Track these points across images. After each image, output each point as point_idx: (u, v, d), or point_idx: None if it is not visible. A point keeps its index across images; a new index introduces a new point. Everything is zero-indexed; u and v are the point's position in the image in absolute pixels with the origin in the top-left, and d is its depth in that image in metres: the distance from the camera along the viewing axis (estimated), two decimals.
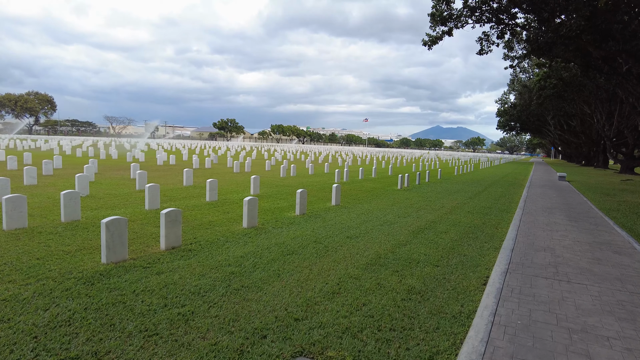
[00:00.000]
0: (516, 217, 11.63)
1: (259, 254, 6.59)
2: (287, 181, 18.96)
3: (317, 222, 9.50)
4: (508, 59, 29.93)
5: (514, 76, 62.89)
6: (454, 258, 6.91)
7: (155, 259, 6.19)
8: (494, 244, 8.18)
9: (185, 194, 13.10)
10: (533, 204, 14.70)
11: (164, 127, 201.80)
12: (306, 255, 6.66)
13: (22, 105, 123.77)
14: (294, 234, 8.13)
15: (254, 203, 8.58)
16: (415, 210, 11.89)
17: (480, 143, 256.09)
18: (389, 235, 8.38)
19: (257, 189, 13.97)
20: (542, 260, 6.96)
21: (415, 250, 7.25)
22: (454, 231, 9.18)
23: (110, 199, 11.63)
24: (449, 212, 11.87)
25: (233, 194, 13.69)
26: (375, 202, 13.38)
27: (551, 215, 12.06)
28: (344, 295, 4.99)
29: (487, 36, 22.26)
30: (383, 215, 10.79)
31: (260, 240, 7.47)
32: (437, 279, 5.76)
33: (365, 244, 7.54)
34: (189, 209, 10.50)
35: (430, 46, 22.67)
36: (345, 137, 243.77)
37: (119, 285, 5.04)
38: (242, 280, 5.40)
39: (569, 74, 40.27)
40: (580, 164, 68.51)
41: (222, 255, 6.50)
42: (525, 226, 10.12)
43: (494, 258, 7.06)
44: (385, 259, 6.66)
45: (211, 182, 12.03)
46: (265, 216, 9.92)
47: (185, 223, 8.73)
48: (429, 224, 9.87)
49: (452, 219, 10.85)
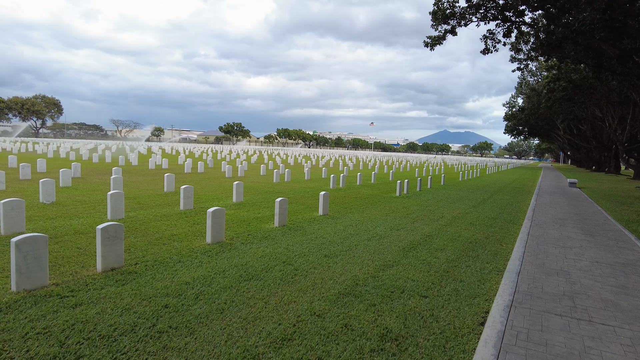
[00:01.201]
0: (524, 229, 10.39)
1: (210, 280, 5.46)
2: (279, 187, 17.86)
3: (296, 236, 8.36)
4: (515, 61, 28.65)
5: (522, 79, 61.43)
6: (447, 285, 5.72)
7: (82, 284, 5.10)
8: (497, 264, 6.98)
9: (161, 202, 12.04)
10: (542, 214, 13.43)
11: (170, 130, 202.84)
12: (268, 281, 5.53)
13: (29, 108, 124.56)
14: (263, 251, 7.00)
15: (219, 215, 7.47)
16: (411, 222, 10.71)
17: (488, 148, 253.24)
18: (374, 254, 7.21)
19: (241, 195, 12.87)
20: (554, 288, 5.75)
21: (401, 275, 6.08)
22: (451, 248, 7.98)
23: (75, 206, 10.61)
24: (449, 224, 10.67)
25: (213, 201, 12.60)
26: (368, 211, 12.22)
27: (563, 228, 10.79)
28: (296, 343, 3.85)
29: (493, 34, 21.03)
30: (373, 228, 9.62)
31: (219, 261, 6.35)
32: (422, 316, 4.59)
33: (344, 266, 6.38)
34: (156, 219, 9.42)
35: (432, 47, 21.50)
36: (352, 141, 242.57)
37: (11, 325, 3.94)
38: (174, 317, 4.28)
39: (579, 76, 38.84)
40: (590, 170, 66.61)
41: (165, 280, 5.39)
42: (534, 242, 8.89)
43: (496, 285, 5.87)
44: (363, 286, 5.50)
45: (186, 188, 10.96)
46: (239, 228, 8.81)
47: (143, 236, 7.65)
48: (424, 239, 8.68)
49: (451, 232, 9.65)
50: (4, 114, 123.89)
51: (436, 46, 21.15)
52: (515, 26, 20.33)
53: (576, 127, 60.96)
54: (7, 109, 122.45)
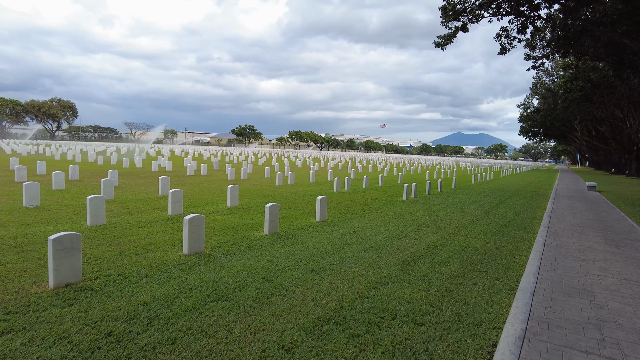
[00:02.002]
0: (539, 239, 9.45)
1: (172, 300, 4.75)
2: (280, 190, 17.16)
3: (285, 245, 7.61)
4: (530, 59, 27.46)
5: (537, 79, 59.73)
6: (448, 308, 4.90)
7: (23, 305, 4.43)
8: (509, 281, 6.11)
9: (151, 206, 11.44)
10: (560, 220, 12.42)
11: (184, 133, 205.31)
12: (238, 302, 4.78)
13: (45, 111, 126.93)
14: (242, 265, 6.26)
15: (198, 223, 6.76)
16: (416, 229, 9.86)
17: (503, 150, 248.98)
18: (369, 268, 6.41)
19: (236, 200, 12.19)
20: (577, 313, 4.88)
21: (396, 294, 5.27)
22: (457, 261, 7.13)
23: (59, 211, 10.05)
24: (457, 232, 9.79)
25: (206, 205, 11.95)
26: (370, 217, 11.40)
27: (584, 237, 9.81)
28: None
29: (507, 31, 20.00)
30: (373, 236, 8.81)
31: (190, 276, 5.64)
32: (414, 352, 3.78)
33: (331, 283, 5.60)
34: (139, 225, 8.78)
35: (443, 46, 20.58)
36: (364, 144, 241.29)
37: None
38: (112, 351, 3.56)
39: (598, 75, 37.34)
40: (609, 172, 64.35)
41: (121, 299, 4.70)
42: (551, 253, 7.97)
43: (507, 307, 5.02)
44: (349, 309, 4.71)
45: (174, 192, 10.32)
46: (224, 236, 8.10)
47: (117, 245, 6.99)
48: (427, 249, 7.84)
49: (459, 241, 8.77)
50: (22, 117, 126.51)
51: (447, 45, 20.23)
52: (530, 21, 19.29)
53: (594, 128, 59.00)
54: (24, 112, 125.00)
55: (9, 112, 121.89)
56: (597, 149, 71.50)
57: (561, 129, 68.56)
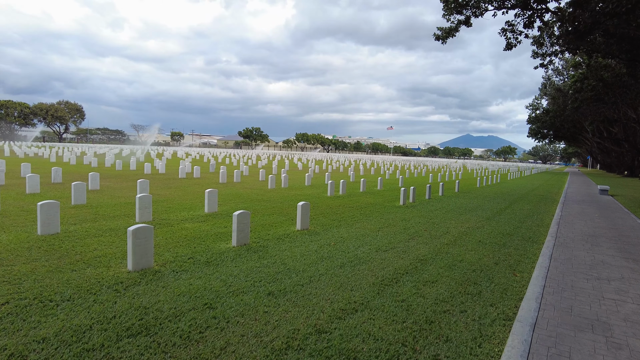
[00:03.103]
0: (545, 251, 8.38)
1: (80, 334, 3.81)
2: (270, 194, 16.23)
3: (249, 260, 6.66)
4: (538, 56, 26.23)
5: (547, 79, 58.21)
6: (425, 349, 3.90)
7: None
8: (506, 307, 5.09)
9: (121, 212, 10.57)
10: (569, 228, 11.31)
11: (191, 135, 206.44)
12: (161, 338, 3.83)
13: (52, 114, 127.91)
14: (189, 285, 5.32)
15: (145, 234, 5.85)
16: (406, 239, 8.85)
17: (512, 152, 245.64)
18: (339, 289, 5.44)
19: (214, 205, 11.28)
20: (590, 357, 3.85)
21: (363, 327, 4.29)
22: (446, 280, 6.11)
23: (17, 217, 9.21)
24: (452, 243, 8.76)
25: (183, 211, 11.06)
26: (359, 224, 10.42)
27: (596, 249, 8.72)
28: None
29: (512, 26, 18.89)
30: (355, 248, 7.83)
31: (122, 300, 4.70)
32: None
33: (286, 312, 4.63)
34: (97, 234, 7.90)
35: (444, 39, 19.52)
36: (371, 146, 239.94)
37: None
38: None
39: (611, 73, 35.92)
40: (622, 175, 62.42)
41: (16, 334, 3.77)
42: (558, 270, 6.91)
43: (500, 346, 4.02)
44: (298, 350, 3.74)
45: (142, 197, 9.44)
46: (184, 248, 7.18)
47: (58, 259, 6.10)
48: (414, 265, 6.84)
49: (453, 254, 7.75)
50: (30, 119, 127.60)
51: (448, 39, 19.17)
52: (537, 15, 18.18)
53: (606, 129, 57.27)
54: (32, 114, 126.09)
55: (17, 115, 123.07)
56: (609, 150, 69.58)
57: (571, 131, 66.82)
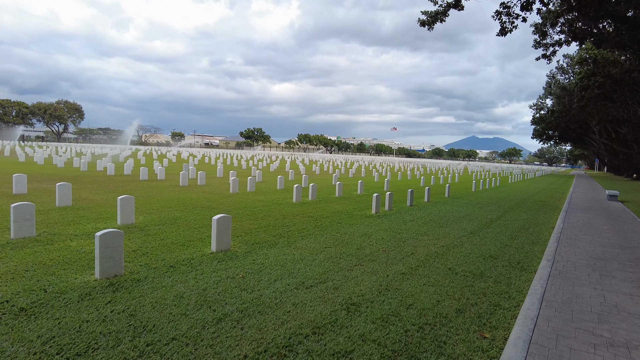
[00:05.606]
0: (535, 286, 6.12)
1: None
2: (225, 200, 14.04)
3: (91, 306, 4.47)
4: (540, 46, 23.90)
5: (551, 77, 55.66)
6: None
7: None
8: None
9: None
10: (571, 247, 9.03)
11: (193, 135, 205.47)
12: None
13: (51, 113, 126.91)
14: None
15: None
16: (350, 266, 6.63)
17: (517, 154, 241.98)
18: None
19: (130, 216, 9.11)
20: None
21: None
22: (368, 348, 3.89)
23: None
24: (411, 272, 6.52)
25: (90, 222, 8.90)
26: (303, 242, 8.21)
27: (606, 282, 6.44)
28: None
29: (508, 8, 16.60)
30: (269, 283, 5.62)
31: None
32: None
33: None
34: None
35: (430, 25, 17.26)
36: (375, 147, 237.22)
37: None
38: None
39: (619, 69, 33.46)
40: (631, 178, 59.64)
41: None
42: (550, 325, 4.66)
43: None
44: None
45: (17, 206, 7.29)
46: (27, 281, 5.01)
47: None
48: (334, 315, 4.62)
49: (404, 292, 5.52)
50: (28, 119, 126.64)
51: (435, 24, 16.90)
52: None
53: (614, 129, 54.58)
54: (30, 114, 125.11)
55: (15, 114, 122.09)
56: (617, 152, 66.71)
57: (577, 132, 64.13)
